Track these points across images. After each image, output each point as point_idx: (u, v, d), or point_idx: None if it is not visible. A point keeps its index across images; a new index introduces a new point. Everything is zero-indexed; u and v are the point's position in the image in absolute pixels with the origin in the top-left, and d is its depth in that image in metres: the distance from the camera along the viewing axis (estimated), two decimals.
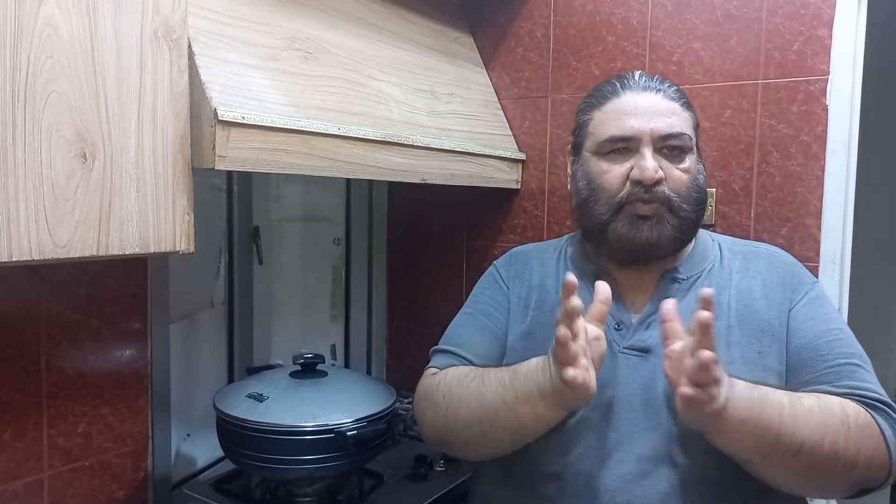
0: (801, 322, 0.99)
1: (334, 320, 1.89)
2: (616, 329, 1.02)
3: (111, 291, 1.25)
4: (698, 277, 1.04)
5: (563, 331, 0.82)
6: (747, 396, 0.84)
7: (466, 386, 0.99)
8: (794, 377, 0.95)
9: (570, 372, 0.82)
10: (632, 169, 0.99)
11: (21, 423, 1.14)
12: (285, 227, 1.73)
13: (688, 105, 1.04)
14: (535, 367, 0.91)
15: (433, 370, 1.09)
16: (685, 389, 0.80)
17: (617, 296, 1.02)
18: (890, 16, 1.40)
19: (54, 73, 0.79)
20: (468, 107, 1.57)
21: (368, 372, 1.95)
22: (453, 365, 1.08)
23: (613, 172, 1.00)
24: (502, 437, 0.97)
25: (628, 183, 0.99)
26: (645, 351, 0.99)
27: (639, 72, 1.06)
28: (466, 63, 1.67)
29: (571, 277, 0.85)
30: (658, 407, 0.95)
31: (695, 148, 1.03)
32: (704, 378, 0.79)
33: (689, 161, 1.01)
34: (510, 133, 1.69)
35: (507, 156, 1.62)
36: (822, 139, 1.32)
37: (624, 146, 1.00)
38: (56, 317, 1.18)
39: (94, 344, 1.23)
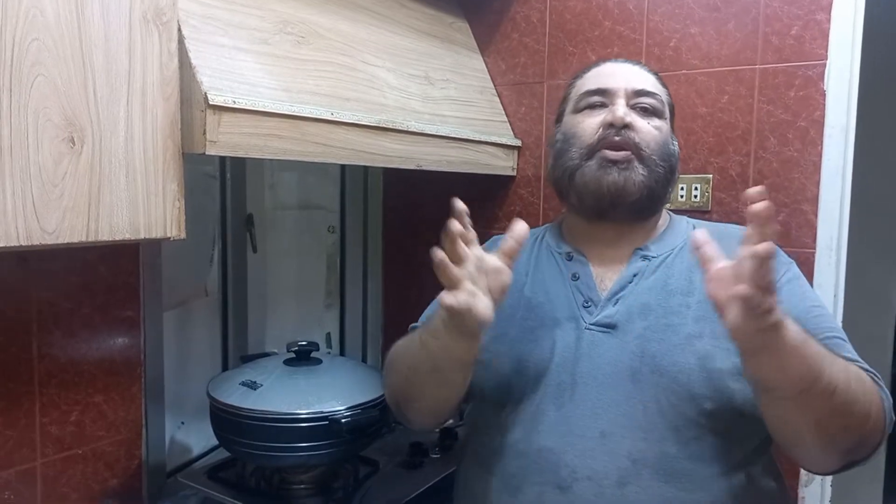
0: (782, 300, 0.97)
1: (329, 308, 1.89)
2: (584, 306, 1.02)
3: (103, 279, 1.24)
4: (668, 255, 1.04)
5: (438, 254, 0.79)
6: (796, 326, 0.80)
7: (403, 342, 1.04)
8: None
9: (447, 299, 0.79)
10: (605, 116, 1.03)
11: (13, 412, 1.13)
12: (280, 215, 1.71)
13: (663, 84, 1.10)
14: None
15: None
16: (742, 288, 0.72)
17: (586, 275, 1.05)
18: (888, 0, 1.39)
19: (40, 55, 0.78)
20: (463, 93, 1.56)
21: (364, 360, 1.94)
22: None
23: (587, 122, 1.05)
24: (428, 382, 0.97)
25: (600, 129, 1.03)
26: (611, 327, 0.99)
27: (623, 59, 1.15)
28: (462, 48, 1.65)
29: (460, 204, 0.84)
30: (623, 382, 0.96)
31: (668, 120, 1.07)
32: (764, 276, 0.72)
33: (661, 123, 1.05)
34: (506, 119, 1.67)
35: (503, 142, 1.60)
36: (820, 125, 1.31)
37: (600, 101, 1.05)
38: (47, 305, 1.17)
39: (87, 332, 1.22)
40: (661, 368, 0.94)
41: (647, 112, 1.04)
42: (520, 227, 0.87)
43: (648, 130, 1.03)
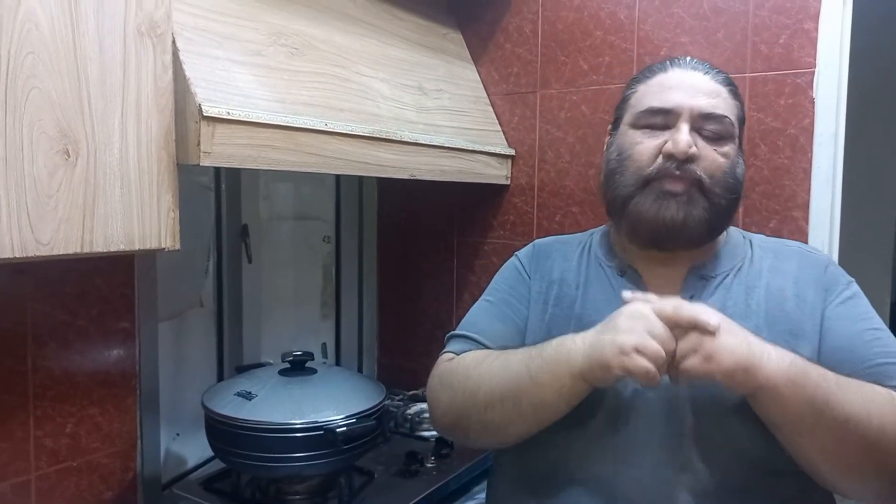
0: (836, 322, 0.94)
1: (325, 318, 1.89)
2: None
3: (98, 291, 1.24)
4: (727, 275, 0.99)
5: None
6: (791, 357, 0.81)
7: (488, 365, 0.95)
8: None
9: (646, 365, 0.80)
10: (666, 143, 0.94)
11: (7, 424, 1.13)
12: (275, 226, 1.72)
13: (736, 94, 0.99)
14: (568, 338, 0.89)
15: (450, 355, 1.04)
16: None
17: (641, 292, 0.96)
18: (875, 8, 1.40)
19: (35, 68, 0.78)
20: (457, 102, 1.57)
21: (360, 370, 1.94)
22: (470, 350, 1.03)
23: (646, 144, 0.95)
24: (522, 417, 0.92)
25: (660, 157, 0.94)
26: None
27: (692, 58, 1.02)
28: (455, 59, 1.66)
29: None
30: (679, 411, 0.91)
31: (736, 138, 0.98)
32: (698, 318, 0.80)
33: (728, 148, 0.95)
34: (499, 129, 1.68)
35: (497, 151, 1.61)
36: (810, 132, 1.32)
37: (662, 121, 0.95)
38: (43, 317, 1.17)
39: (82, 344, 1.22)
40: (720, 399, 0.89)
41: (714, 134, 0.94)
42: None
43: (713, 159, 0.94)
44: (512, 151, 1.67)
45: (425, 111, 1.43)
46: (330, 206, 1.88)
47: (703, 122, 0.94)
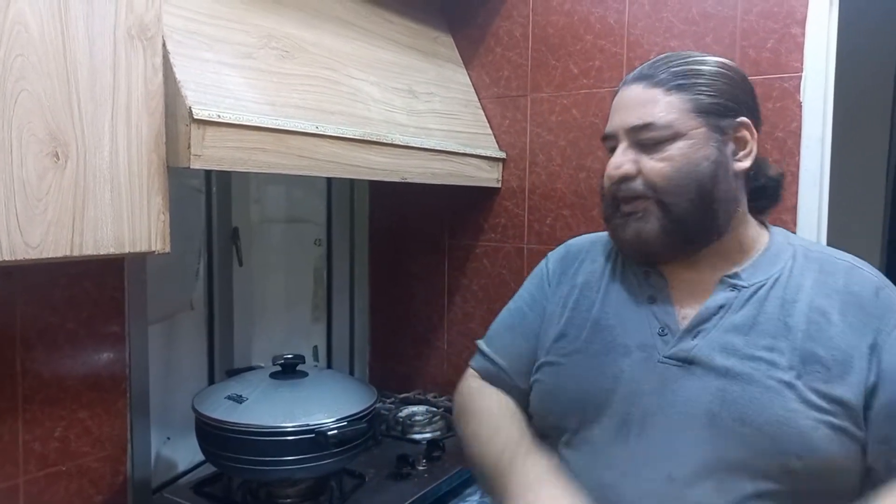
0: (893, 356, 0.84)
1: (316, 322, 1.88)
2: (660, 334, 0.92)
3: (88, 294, 1.24)
4: (762, 286, 0.91)
5: None
6: None
7: (481, 432, 1.01)
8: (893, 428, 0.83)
9: None
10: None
11: None
12: (266, 229, 1.72)
13: (680, 87, 0.91)
14: (523, 478, 0.90)
15: (472, 372, 1.10)
16: None
17: (665, 297, 0.95)
18: (861, 13, 1.42)
19: (25, 71, 0.78)
20: (448, 106, 1.57)
21: (351, 373, 1.94)
22: (488, 368, 1.07)
23: (607, 171, 0.97)
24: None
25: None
26: (688, 362, 0.89)
27: (652, 60, 0.96)
28: (446, 62, 1.67)
29: None
30: (697, 425, 0.86)
31: (695, 131, 0.90)
32: None
33: (673, 150, 0.90)
34: (490, 132, 1.69)
35: (488, 154, 1.62)
36: (797, 135, 1.33)
37: (613, 145, 0.96)
38: (32, 320, 1.16)
39: (71, 347, 1.22)
40: (744, 417, 0.84)
41: (650, 143, 0.91)
42: None
43: (651, 168, 0.90)
44: (503, 155, 1.67)
45: (416, 114, 1.43)
46: (321, 209, 1.88)
47: (638, 136, 0.92)
